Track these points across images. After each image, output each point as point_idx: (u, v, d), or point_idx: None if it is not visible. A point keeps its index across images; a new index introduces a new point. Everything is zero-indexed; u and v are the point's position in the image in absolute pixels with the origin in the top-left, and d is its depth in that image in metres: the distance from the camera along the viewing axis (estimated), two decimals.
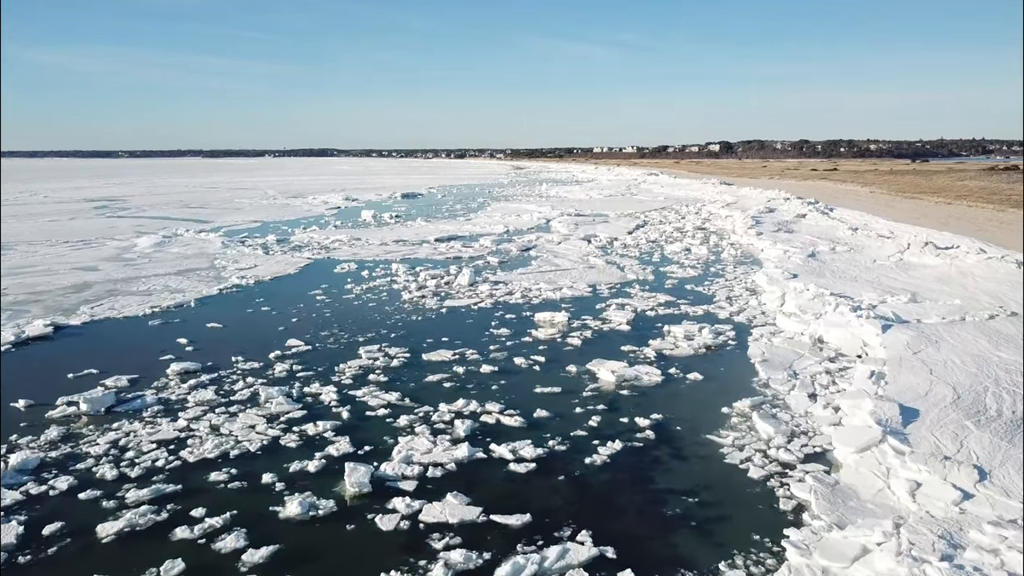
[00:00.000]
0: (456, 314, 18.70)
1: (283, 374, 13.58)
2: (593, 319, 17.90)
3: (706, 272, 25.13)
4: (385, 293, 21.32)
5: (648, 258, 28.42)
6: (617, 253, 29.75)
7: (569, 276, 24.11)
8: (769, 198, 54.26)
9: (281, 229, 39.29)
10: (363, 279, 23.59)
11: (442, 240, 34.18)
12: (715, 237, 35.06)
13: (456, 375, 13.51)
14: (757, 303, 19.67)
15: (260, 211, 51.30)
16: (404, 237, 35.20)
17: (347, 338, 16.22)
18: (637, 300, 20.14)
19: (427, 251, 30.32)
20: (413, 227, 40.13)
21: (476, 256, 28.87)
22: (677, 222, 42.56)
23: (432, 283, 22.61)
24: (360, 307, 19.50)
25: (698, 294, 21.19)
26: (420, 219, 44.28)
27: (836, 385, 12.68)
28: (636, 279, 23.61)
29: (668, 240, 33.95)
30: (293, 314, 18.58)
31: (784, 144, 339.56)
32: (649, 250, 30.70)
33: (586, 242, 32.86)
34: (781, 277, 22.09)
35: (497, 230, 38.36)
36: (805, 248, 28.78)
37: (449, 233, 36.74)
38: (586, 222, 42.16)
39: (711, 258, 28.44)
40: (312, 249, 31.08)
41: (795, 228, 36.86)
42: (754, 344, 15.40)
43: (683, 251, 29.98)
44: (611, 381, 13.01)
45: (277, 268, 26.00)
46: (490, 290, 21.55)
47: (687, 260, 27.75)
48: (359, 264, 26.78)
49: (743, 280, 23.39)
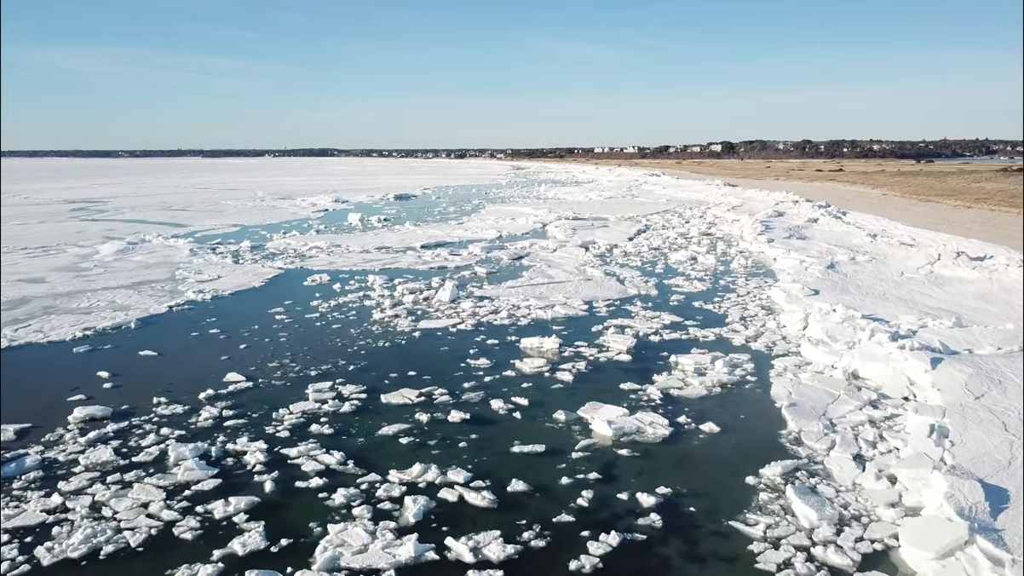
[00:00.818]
0: (430, 339, 16.27)
1: (208, 423, 11.17)
2: (588, 346, 15.48)
3: (715, 286, 22.70)
4: (354, 312, 18.90)
5: (650, 268, 26.00)
6: (617, 262, 27.33)
7: (563, 290, 21.70)
8: (777, 201, 51.78)
9: (259, 234, 36.88)
10: (333, 294, 21.17)
11: (428, 247, 31.75)
12: (722, 244, 32.63)
13: (418, 425, 11.09)
14: (776, 325, 17.23)
15: (243, 214, 48.92)
16: (388, 243, 32.78)
17: (298, 371, 13.80)
18: (639, 320, 17.72)
19: (410, 260, 27.90)
20: (400, 232, 37.71)
21: (463, 266, 26.45)
22: (681, 227, 40.13)
23: (409, 299, 20.20)
24: (322, 330, 17.08)
25: (707, 313, 18.75)
26: (409, 223, 41.87)
27: (885, 441, 10.24)
28: (637, 294, 21.19)
29: (672, 247, 31.52)
30: (243, 339, 16.17)
31: (786, 144, 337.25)
32: (651, 259, 28.27)
33: (583, 250, 30.43)
34: (800, 293, 19.66)
35: (489, 235, 35.94)
36: (822, 258, 26.34)
37: (437, 239, 34.32)
38: (584, 227, 39.74)
39: (719, 268, 26.01)
40: (286, 257, 28.67)
41: (808, 234, 34.42)
42: (778, 381, 12.98)
43: (688, 260, 27.55)
44: (607, 436, 10.58)
45: (241, 280, 23.59)
46: (473, 308, 19.13)
47: (693, 271, 25.33)
48: (333, 275, 24.36)
49: (757, 296, 20.96)
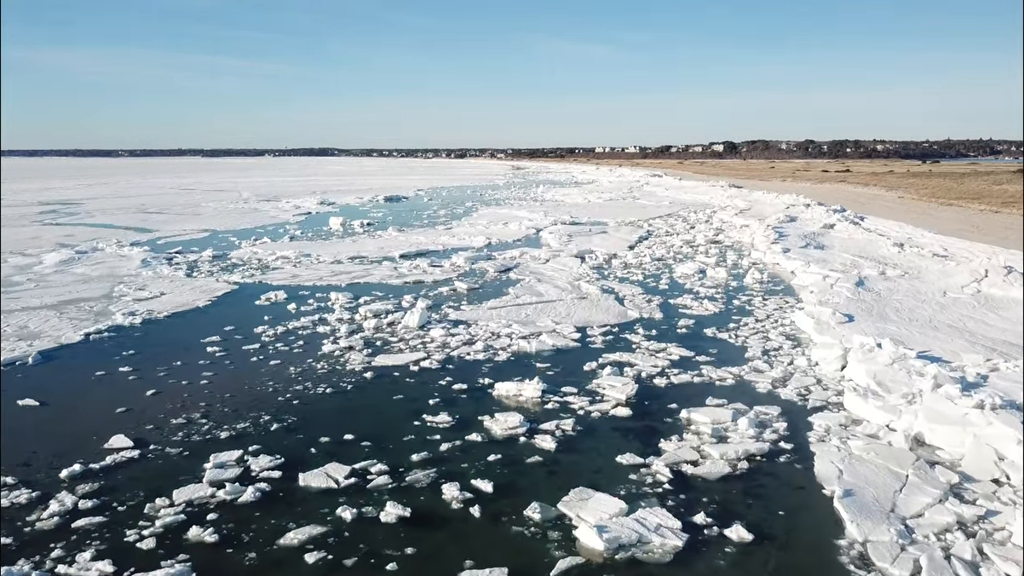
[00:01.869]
0: (383, 383, 13.27)
1: (50, 523, 8.17)
2: (578, 392, 12.50)
3: (728, 306, 19.69)
4: (302, 342, 15.90)
5: (653, 284, 22.99)
6: (616, 276, 24.33)
7: (553, 311, 18.72)
8: (787, 204, 48.72)
9: (227, 241, 33.91)
10: (284, 317, 18.18)
11: (408, 256, 28.75)
12: (732, 254, 29.61)
13: (337, 528, 8.09)
14: (806, 363, 14.22)
15: (219, 218, 45.95)
16: (364, 252, 29.79)
17: (205, 431, 10.81)
18: (640, 355, 14.72)
19: (384, 272, 24.89)
20: (380, 239, 34.70)
21: (442, 280, 23.45)
22: (686, 233, 37.10)
23: (371, 324, 17.21)
24: (255, 368, 14.07)
25: (722, 345, 15.73)
26: (392, 228, 38.87)
27: (991, 563, 7.25)
28: (639, 317, 18.20)
29: (677, 258, 28.51)
30: (155, 381, 13.18)
31: (789, 144, 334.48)
32: (655, 272, 25.26)
33: (579, 260, 27.42)
34: (831, 319, 16.65)
35: (477, 243, 32.93)
36: (848, 272, 23.32)
37: (419, 247, 31.33)
38: (581, 233, 36.73)
39: (731, 284, 22.98)
40: (246, 269, 25.67)
41: (826, 242, 31.40)
42: (821, 451, 9.97)
43: (696, 274, 24.53)
44: (597, 551, 7.57)
45: (185, 299, 20.60)
46: (444, 336, 16.15)
47: (702, 287, 22.32)
48: (291, 292, 21.36)
49: (779, 321, 17.94)
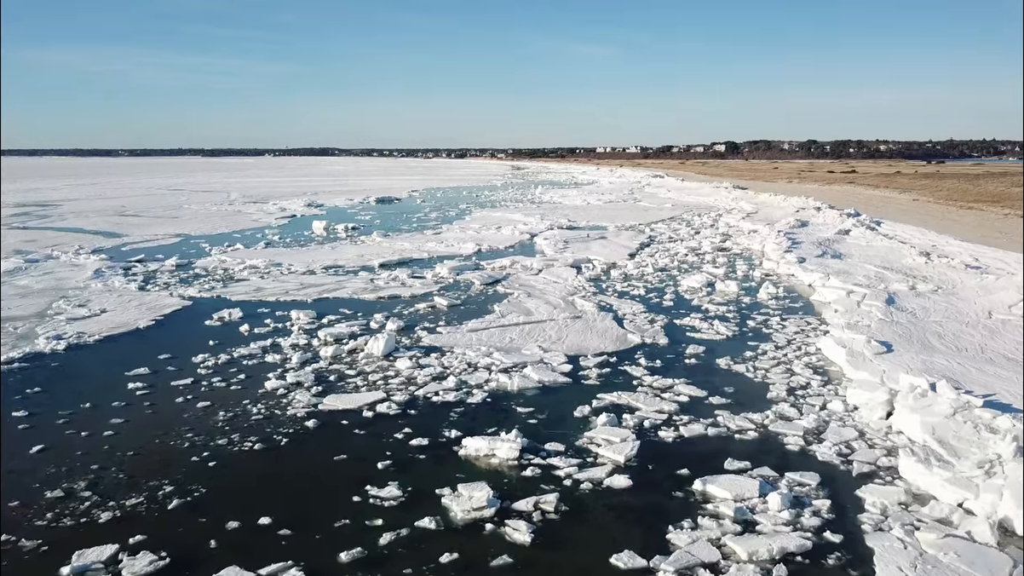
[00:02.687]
0: (327, 435, 10.86)
1: None
2: (565, 453, 10.09)
3: (742, 329, 17.26)
4: (243, 376, 13.49)
5: (657, 300, 20.57)
6: (614, 289, 21.92)
7: (542, 335, 16.31)
8: (797, 207, 46.28)
9: (197, 248, 31.51)
10: (232, 342, 15.77)
11: (388, 266, 26.35)
12: (742, 263, 27.17)
13: None
14: (842, 407, 11.78)
15: (196, 221, 43.56)
16: (341, 261, 27.38)
17: (80, 512, 8.40)
18: (643, 396, 12.31)
19: (358, 285, 22.47)
20: (362, 245, 32.29)
21: (420, 295, 21.04)
22: (691, 239, 34.67)
23: (329, 352, 14.80)
24: (176, 413, 11.65)
25: (739, 381, 13.30)
26: (377, 233, 36.44)
27: None
28: (640, 343, 15.80)
29: (682, 268, 26.07)
30: (47, 432, 10.77)
31: (792, 144, 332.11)
32: (658, 285, 22.84)
33: (575, 271, 25.00)
34: (865, 348, 14.23)
35: (465, 250, 30.52)
36: (873, 286, 20.90)
37: (402, 254, 28.92)
38: (579, 239, 34.31)
39: (743, 300, 20.55)
40: (207, 281, 23.26)
41: (843, 250, 28.96)
42: (882, 550, 7.54)
43: (704, 287, 22.10)
44: None
45: (127, 317, 18.20)
46: (411, 368, 13.76)
47: (711, 304, 19.89)
48: (249, 310, 18.95)
49: (802, 347, 15.50)
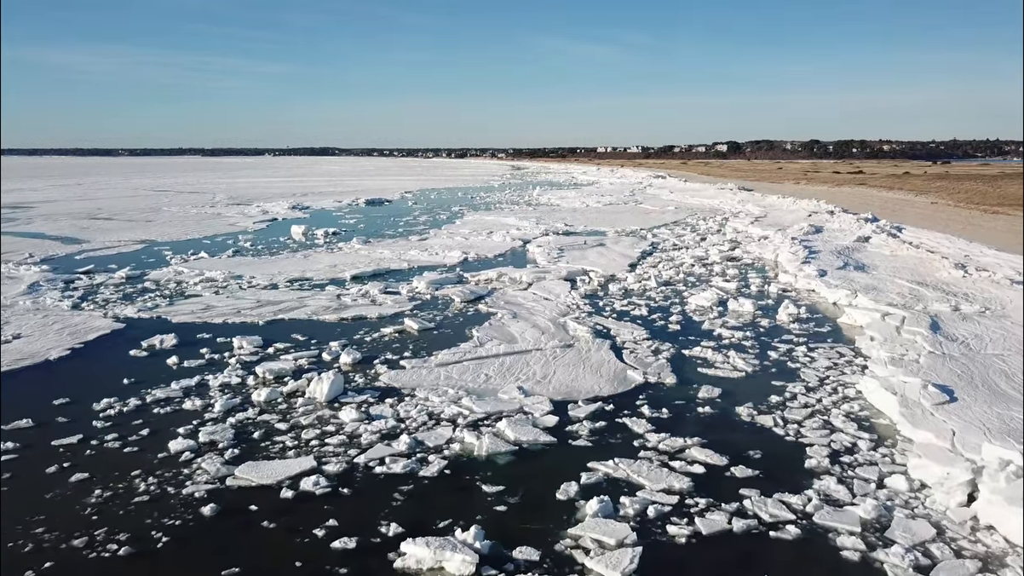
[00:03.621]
0: (223, 530, 8.15)
1: None
2: (540, 567, 7.37)
3: (763, 362, 14.54)
4: (146, 431, 10.80)
5: (662, 323, 17.86)
6: (613, 309, 19.22)
7: (524, 372, 13.63)
8: (808, 211, 43.52)
9: (158, 256, 28.84)
10: (152, 379, 13.07)
11: (361, 278, 23.66)
12: (755, 275, 24.45)
13: None
14: (906, 485, 9.04)
15: (169, 226, 40.90)
16: (311, 272, 24.69)
17: None
18: (645, 468, 9.59)
19: (321, 303, 19.78)
20: (338, 253, 29.60)
21: (389, 316, 18.36)
22: (696, 246, 31.94)
23: (261, 397, 12.12)
24: (30, 496, 8.92)
25: (768, 442, 10.58)
26: (358, 239, 33.72)
27: None
28: (643, 382, 13.11)
29: (689, 281, 23.35)
30: None
31: (794, 144, 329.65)
32: (663, 303, 20.14)
33: (568, 285, 22.30)
34: (922, 396, 11.52)
35: (450, 259, 27.85)
36: (910, 307, 18.19)
37: (379, 264, 26.20)
38: (575, 246, 31.60)
39: (761, 323, 17.83)
40: (153, 298, 20.58)
41: (866, 261, 26.24)
42: None
43: (715, 306, 19.40)
44: None
45: (41, 345, 15.51)
46: (357, 422, 11.09)
47: (724, 328, 17.17)
48: (187, 335, 16.26)
49: (839, 390, 12.78)
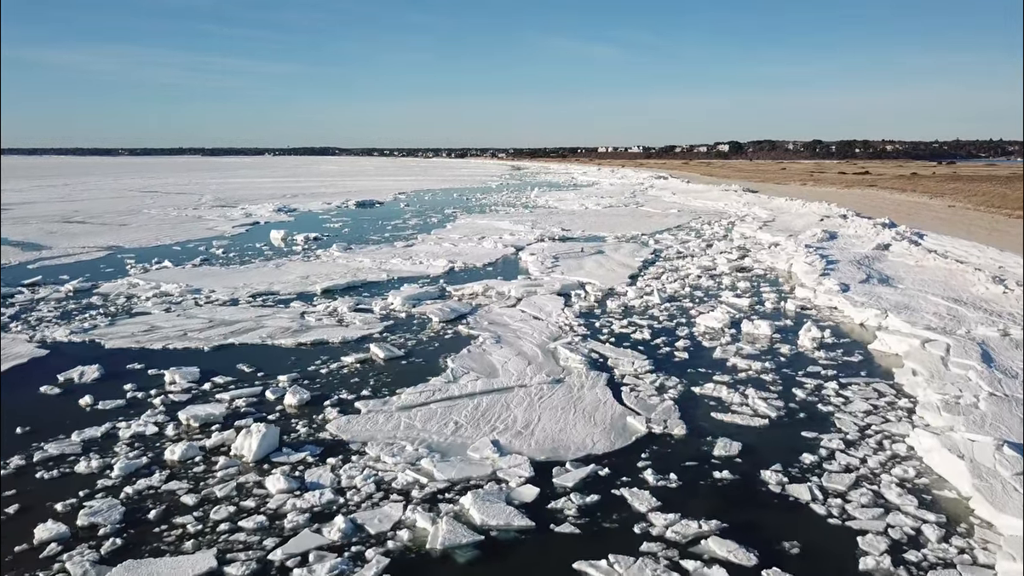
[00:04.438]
0: None
1: None
2: None
3: (788, 405, 12.19)
4: (15, 507, 8.48)
5: (667, 349, 15.51)
6: (611, 332, 16.88)
7: (503, 419, 11.31)
8: (820, 215, 41.14)
9: (117, 265, 26.54)
10: (49, 428, 10.75)
11: (332, 292, 21.36)
12: (768, 289, 22.10)
13: None
14: None
15: (143, 230, 38.59)
16: (279, 285, 22.37)
17: None
18: (649, 571, 7.25)
19: (281, 324, 17.45)
20: (313, 262, 27.26)
21: (354, 341, 16.03)
22: (702, 254, 29.60)
23: (175, 455, 9.82)
24: None
25: (806, 527, 8.24)
26: (339, 245, 31.39)
27: None
28: (645, 433, 10.80)
29: (695, 296, 21.01)
30: None
31: (796, 144, 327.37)
32: (667, 323, 17.80)
33: (562, 301, 19.98)
34: (997, 460, 9.19)
35: (434, 269, 25.52)
36: (950, 330, 15.84)
37: (356, 276, 23.86)
38: (571, 253, 29.25)
39: (781, 350, 15.46)
40: (92, 316, 18.26)
41: (889, 272, 23.88)
42: None
43: (726, 328, 17.06)
44: None
45: None
46: (285, 494, 8.78)
47: (739, 358, 14.81)
48: (116, 365, 13.94)
49: (887, 447, 10.42)
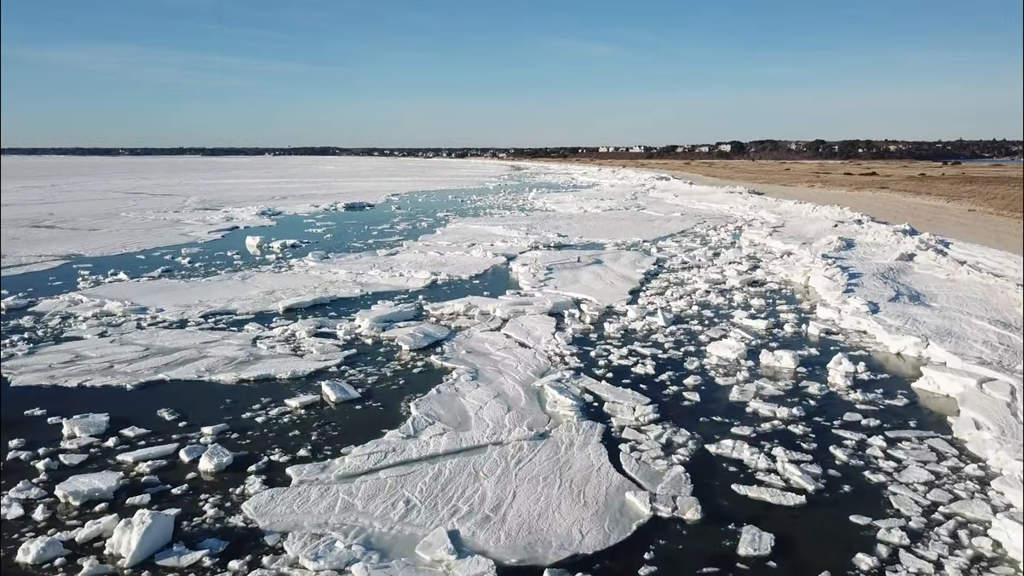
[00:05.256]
0: None
1: None
2: None
3: (825, 470, 9.78)
4: None
5: (675, 389, 13.11)
6: (610, 364, 14.49)
7: (469, 495, 8.94)
8: (834, 220, 38.70)
9: (67, 278, 24.16)
10: None
11: (296, 311, 18.99)
12: (786, 308, 19.70)
13: None
14: None
15: (112, 236, 36.23)
16: (238, 302, 19.99)
17: None
18: None
19: (228, 351, 15.07)
20: (283, 275, 24.87)
21: (306, 377, 13.64)
22: (710, 264, 27.18)
23: (29, 555, 7.41)
24: None
25: None
26: (315, 254, 28.98)
27: None
28: (652, 517, 8.43)
29: (704, 318, 18.61)
30: None
31: (799, 144, 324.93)
32: (674, 354, 15.39)
33: (553, 323, 17.61)
34: None
35: (415, 282, 23.15)
36: (1008, 364, 13.44)
37: (327, 290, 21.47)
38: (567, 264, 26.85)
39: (810, 391, 13.05)
40: (14, 342, 15.83)
41: (919, 287, 21.48)
42: None
43: (742, 359, 14.66)
44: None
45: None
46: None
47: (760, 402, 12.41)
48: (10, 411, 11.57)
49: (960, 536, 8.03)
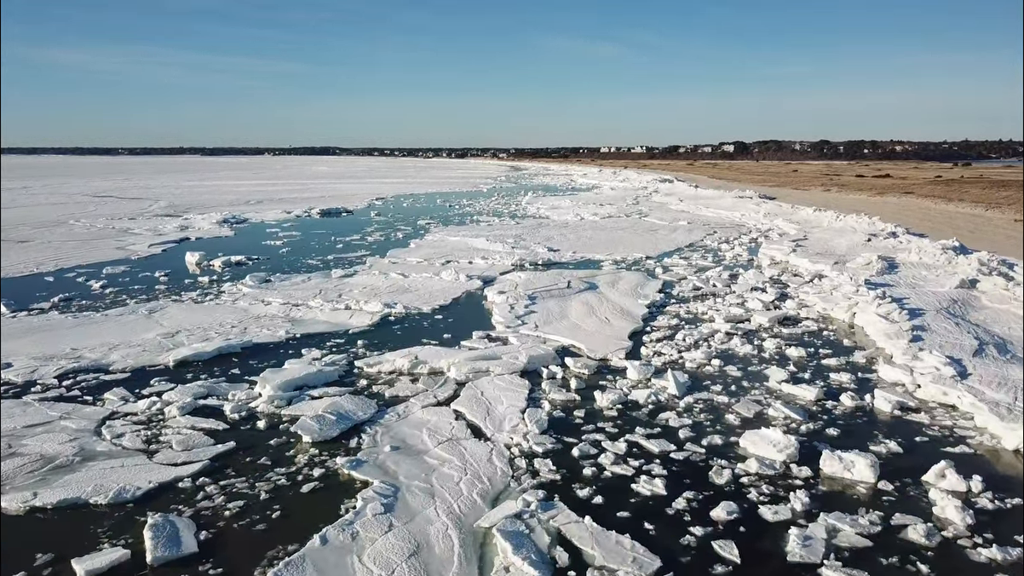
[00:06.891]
0: None
1: None
2: None
3: None
4: None
5: (698, 536, 8.36)
6: (602, 471, 9.77)
7: None
8: (866, 233, 33.85)
9: None
10: None
11: (188, 366, 14.33)
12: (835, 361, 14.94)
13: None
14: None
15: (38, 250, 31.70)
16: (117, 353, 15.30)
17: None
18: None
19: (53, 444, 10.37)
20: (205, 306, 20.18)
21: (141, 499, 8.94)
22: (727, 292, 22.39)
23: None
24: None
25: None
26: (258, 276, 24.30)
27: None
28: None
29: (730, 379, 13.86)
30: None
31: (803, 145, 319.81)
32: (694, 454, 10.64)
33: (526, 390, 12.87)
34: None
35: (361, 319, 18.46)
36: None
37: (242, 333, 16.78)
38: (554, 290, 22.09)
39: (911, 536, 8.33)
40: None
41: (1001, 331, 16.72)
42: None
43: (792, 465, 9.95)
44: None
45: None
46: None
47: (838, 566, 7.71)
48: None
49: None
